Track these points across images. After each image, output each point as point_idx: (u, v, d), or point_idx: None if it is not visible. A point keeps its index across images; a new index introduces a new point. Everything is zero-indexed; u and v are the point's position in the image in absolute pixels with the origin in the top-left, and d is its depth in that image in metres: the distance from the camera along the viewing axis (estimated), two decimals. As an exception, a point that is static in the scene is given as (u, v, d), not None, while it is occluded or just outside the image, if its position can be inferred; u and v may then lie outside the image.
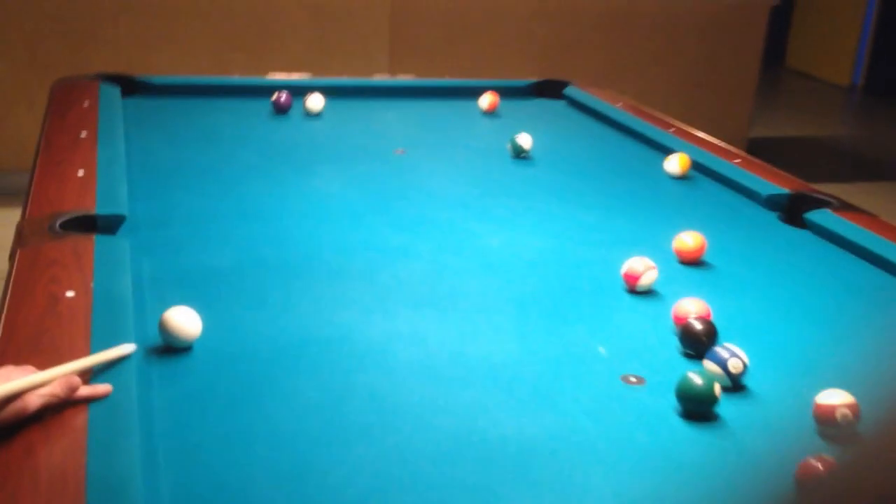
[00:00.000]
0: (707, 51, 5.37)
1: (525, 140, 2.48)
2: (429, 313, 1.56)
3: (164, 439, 1.17)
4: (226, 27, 4.63)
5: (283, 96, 2.77)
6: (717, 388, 1.29)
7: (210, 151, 2.41)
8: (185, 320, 1.38)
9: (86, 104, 2.53)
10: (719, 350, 1.37)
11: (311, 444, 1.19)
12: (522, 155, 2.49)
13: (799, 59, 9.26)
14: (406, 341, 1.46)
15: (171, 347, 1.38)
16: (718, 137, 2.40)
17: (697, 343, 1.44)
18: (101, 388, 1.17)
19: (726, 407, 1.31)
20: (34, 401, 1.09)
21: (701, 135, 2.66)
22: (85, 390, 1.15)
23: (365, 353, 1.42)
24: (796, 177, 2.30)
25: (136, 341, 1.35)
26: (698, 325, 1.45)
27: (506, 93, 3.16)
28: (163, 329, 1.38)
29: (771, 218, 2.13)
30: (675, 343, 1.48)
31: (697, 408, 1.29)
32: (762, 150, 6.04)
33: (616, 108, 2.94)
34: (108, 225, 1.76)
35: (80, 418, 1.12)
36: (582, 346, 1.48)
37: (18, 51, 4.51)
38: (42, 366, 1.17)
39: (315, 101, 2.79)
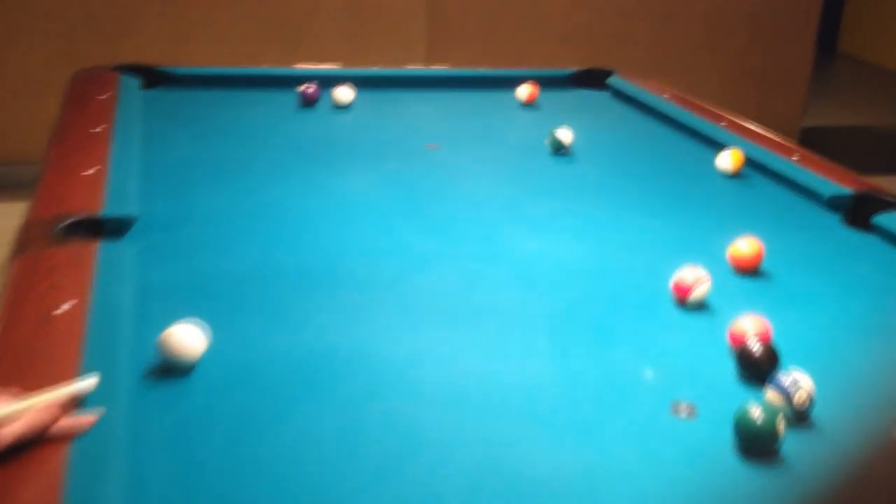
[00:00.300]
0: (757, 37, 5.14)
1: (565, 135, 2.33)
2: (458, 329, 1.42)
3: (157, 474, 1.05)
4: (259, 15, 4.52)
5: (311, 88, 2.65)
6: (781, 422, 1.13)
7: (232, 147, 2.28)
8: (185, 340, 1.25)
9: (104, 96, 2.43)
10: (782, 378, 1.21)
11: (323, 478, 1.06)
12: (562, 151, 2.34)
13: (853, 44, 8.95)
14: (432, 362, 1.32)
15: (171, 368, 1.26)
16: (770, 128, 2.25)
17: (757, 368, 1.29)
18: (85, 419, 1.05)
19: (790, 443, 1.15)
20: (5, 436, 0.97)
21: (755, 128, 2.48)
22: (66, 422, 1.03)
23: (387, 375, 1.28)
24: (856, 172, 2.12)
25: (134, 359, 1.24)
26: (758, 348, 1.29)
27: (546, 83, 3.00)
28: (162, 349, 1.25)
29: (833, 221, 1.95)
30: (731, 367, 1.32)
31: (757, 444, 1.13)
32: (816, 141, 5.81)
33: (663, 99, 2.77)
34: (116, 227, 1.65)
35: (57, 455, 1.00)
36: (626, 370, 1.33)
37: (53, 42, 4.44)
38: (31, 387, 1.05)
39: (344, 94, 2.66)
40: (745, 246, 1.66)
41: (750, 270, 1.66)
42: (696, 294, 1.51)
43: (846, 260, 1.77)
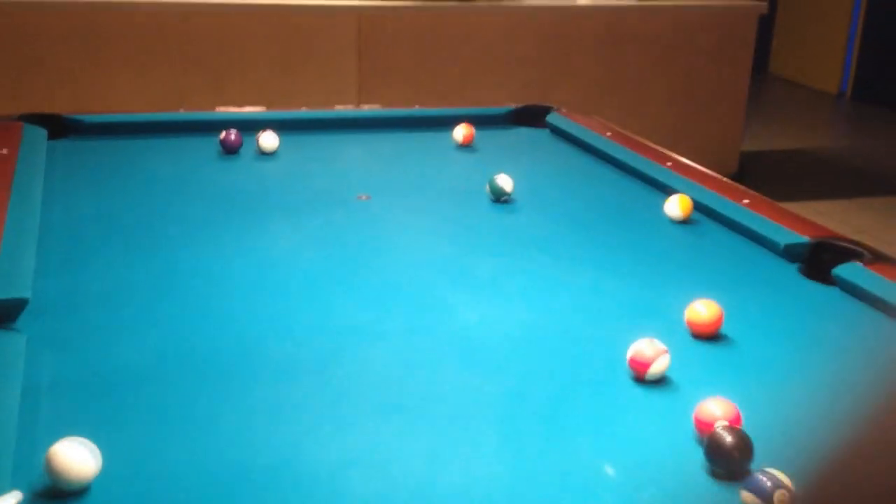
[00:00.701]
0: (695, 63, 5.10)
1: (506, 182, 2.19)
2: (392, 424, 1.26)
3: None
4: (182, 52, 4.32)
5: (232, 135, 2.47)
6: (765, 536, 1.00)
7: (142, 204, 2.10)
8: (74, 459, 1.07)
9: (4, 152, 2.22)
10: (760, 478, 1.08)
11: None
12: (503, 198, 2.20)
13: (784, 65, 9.04)
14: (363, 467, 1.16)
15: (61, 491, 1.07)
16: (712, 152, 2.18)
17: (728, 462, 1.15)
18: None
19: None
20: None
21: (702, 169, 2.37)
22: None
23: (311, 487, 1.12)
24: (797, 197, 2.02)
25: (19, 479, 1.05)
26: (728, 439, 1.16)
27: (483, 121, 2.87)
28: (49, 470, 1.07)
29: (791, 271, 1.84)
30: (699, 456, 1.18)
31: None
32: (754, 164, 5.80)
33: (605, 139, 2.65)
34: (6, 312, 1.45)
35: None
36: (585, 465, 1.18)
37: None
38: None
39: (268, 140, 2.49)
40: (703, 309, 1.54)
41: (709, 335, 1.53)
42: (656, 369, 1.37)
43: (808, 317, 1.66)
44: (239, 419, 1.26)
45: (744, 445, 1.15)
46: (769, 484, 1.07)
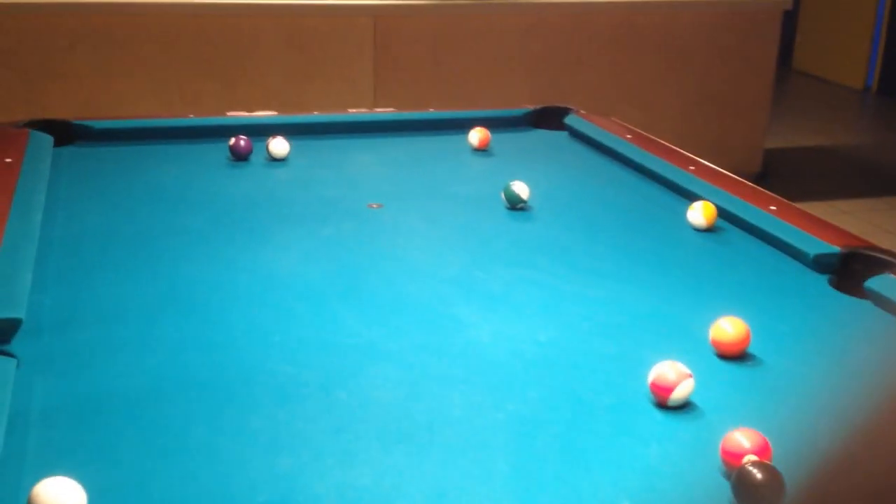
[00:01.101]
0: (716, 61, 4.99)
1: (521, 189, 2.11)
2: (398, 454, 1.19)
3: None
4: (196, 55, 4.27)
5: (242, 141, 2.41)
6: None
7: (146, 214, 2.03)
8: (57, 501, 1.00)
9: (8, 161, 2.17)
10: None
11: None
12: (519, 206, 2.12)
13: (807, 61, 8.89)
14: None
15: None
16: (734, 151, 2.08)
17: (757, 500, 1.07)
18: None
19: None
20: None
21: (727, 173, 2.28)
22: None
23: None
24: (822, 196, 1.93)
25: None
26: (757, 475, 1.08)
27: (499, 124, 2.79)
28: (30, 511, 1.01)
29: (821, 283, 1.75)
30: (727, 492, 1.10)
31: None
32: (778, 162, 5.68)
33: (625, 142, 2.57)
34: (-2, 333, 1.40)
35: None
36: (602, 502, 1.10)
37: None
38: None
39: (278, 146, 2.43)
40: (729, 328, 1.45)
41: (736, 355, 1.45)
42: (678, 394, 1.30)
43: (840, 334, 1.57)
44: (236, 450, 1.19)
45: (774, 482, 1.07)
46: None
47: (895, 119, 7.48)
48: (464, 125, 2.70)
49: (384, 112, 2.94)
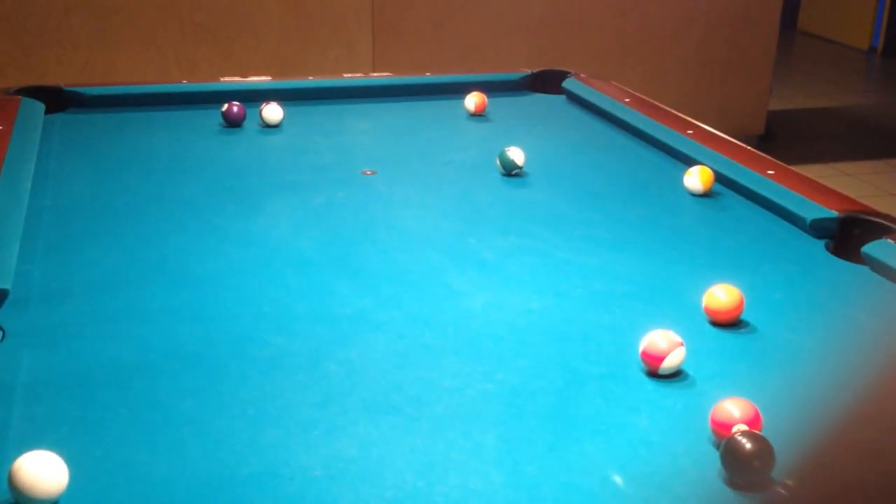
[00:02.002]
0: (719, 21, 4.92)
1: (517, 155, 2.09)
2: (385, 426, 1.18)
3: None
4: (192, 21, 4.22)
5: (235, 107, 2.38)
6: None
7: (137, 184, 2.02)
8: (38, 476, 1.00)
9: (-2, 128, 2.15)
10: (781, 491, 0.99)
11: None
12: (515, 172, 2.10)
13: (813, 21, 8.78)
14: (352, 477, 1.08)
15: (26, 507, 1.01)
16: (737, 113, 2.05)
17: (746, 471, 1.06)
18: None
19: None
20: None
21: (725, 137, 2.26)
22: None
23: (295, 499, 1.04)
24: (827, 158, 1.91)
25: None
26: (747, 446, 1.07)
27: (497, 88, 2.76)
28: (12, 487, 1.00)
29: (818, 249, 1.73)
30: (717, 463, 1.09)
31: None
32: (782, 124, 5.63)
33: (623, 105, 2.53)
34: (-17, 305, 1.39)
35: None
36: (591, 473, 1.09)
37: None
38: None
39: (272, 112, 2.40)
40: (722, 296, 1.44)
41: (729, 322, 1.44)
42: (669, 363, 1.28)
43: (836, 301, 1.56)
44: (224, 422, 1.18)
45: (763, 452, 1.06)
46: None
47: (901, 80, 7.40)
48: (461, 90, 2.67)
49: (379, 77, 2.91)
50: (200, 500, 1.04)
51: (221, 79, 2.75)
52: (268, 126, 2.41)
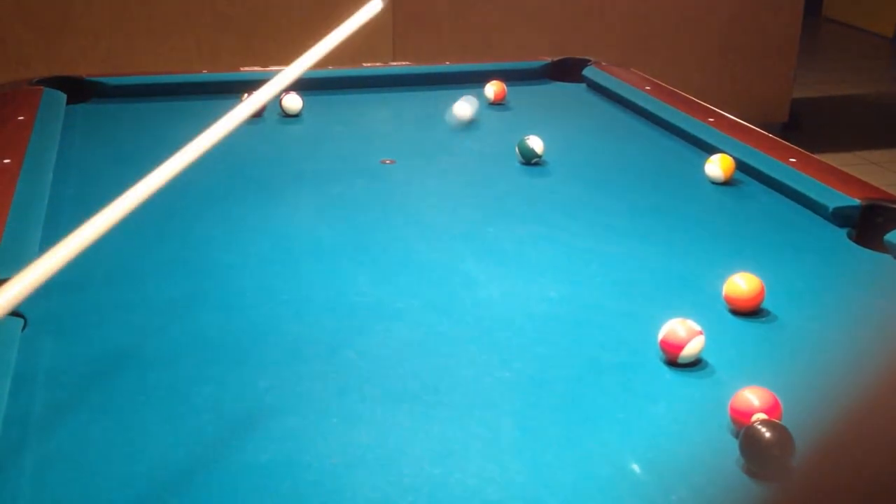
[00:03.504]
0: (742, 7, 4.87)
1: (536, 143, 2.08)
2: (403, 415, 1.18)
3: None
4: (213, 9, 4.23)
5: (254, 97, 2.38)
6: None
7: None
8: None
9: (20, 118, 2.16)
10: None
11: None
12: (534, 161, 2.09)
13: (837, 8, 8.68)
14: (369, 465, 1.08)
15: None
16: (761, 101, 2.02)
17: (765, 460, 1.05)
18: None
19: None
20: None
21: (746, 125, 2.24)
22: None
23: (312, 487, 1.05)
24: (853, 147, 1.89)
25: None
26: (766, 434, 1.06)
27: (516, 76, 2.75)
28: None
29: (840, 237, 1.72)
30: (736, 453, 1.09)
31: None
32: (807, 112, 5.58)
33: (644, 93, 2.52)
34: (7, 293, 1.39)
35: None
36: (609, 462, 1.09)
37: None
38: None
39: (291, 102, 2.40)
40: (743, 283, 1.43)
41: (749, 311, 1.43)
42: (689, 351, 1.28)
43: (858, 289, 1.54)
44: (242, 409, 1.19)
45: (782, 441, 1.05)
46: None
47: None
48: (480, 78, 2.66)
49: (399, 66, 2.90)
50: (219, 486, 1.04)
51: (241, 69, 2.76)
52: (287, 116, 2.41)
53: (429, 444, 1.12)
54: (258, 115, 2.37)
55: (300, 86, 2.50)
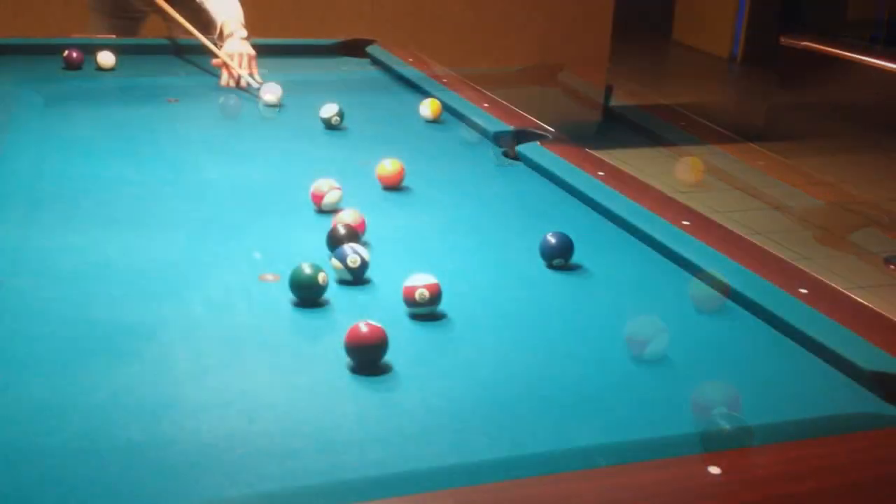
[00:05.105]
0: (555, 25, 5.56)
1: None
2: (113, 229, 1.71)
3: None
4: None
5: (74, 53, 2.87)
6: (322, 276, 1.45)
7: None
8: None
9: None
10: (344, 247, 1.54)
11: None
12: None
13: (683, 32, 9.54)
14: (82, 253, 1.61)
15: None
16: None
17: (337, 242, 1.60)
18: None
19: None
20: None
21: (459, 78, 2.84)
22: None
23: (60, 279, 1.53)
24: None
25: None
26: (341, 231, 1.62)
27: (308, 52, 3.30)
28: None
29: (498, 153, 2.31)
30: (324, 249, 1.62)
31: (304, 292, 1.45)
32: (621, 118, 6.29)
33: (406, 64, 3.09)
34: None
35: None
36: (239, 252, 1.64)
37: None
38: None
39: (106, 57, 2.89)
40: (388, 164, 2.00)
41: (394, 185, 1.99)
42: (329, 199, 1.82)
43: (489, 182, 2.12)
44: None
45: (347, 233, 1.61)
46: (348, 251, 1.53)
47: (751, 82, 8.19)
48: (279, 51, 3.18)
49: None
50: None
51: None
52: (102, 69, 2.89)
53: (125, 245, 1.65)
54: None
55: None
